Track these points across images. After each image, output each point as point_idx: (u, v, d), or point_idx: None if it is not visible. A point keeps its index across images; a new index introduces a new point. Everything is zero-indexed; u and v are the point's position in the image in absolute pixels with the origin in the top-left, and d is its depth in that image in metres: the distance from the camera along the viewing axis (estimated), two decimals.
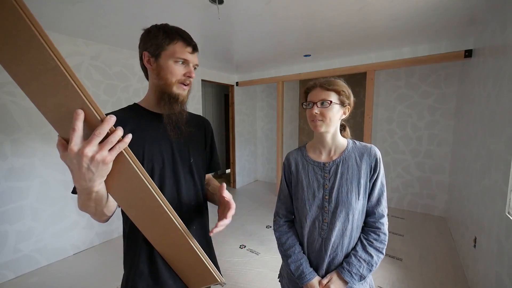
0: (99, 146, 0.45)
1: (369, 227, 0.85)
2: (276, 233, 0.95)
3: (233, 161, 4.52)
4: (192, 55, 0.75)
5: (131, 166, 0.51)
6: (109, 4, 1.63)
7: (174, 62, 0.71)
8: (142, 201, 0.58)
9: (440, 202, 3.23)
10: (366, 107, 3.01)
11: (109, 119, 0.45)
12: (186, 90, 0.76)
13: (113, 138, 0.46)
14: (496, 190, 1.46)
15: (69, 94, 0.42)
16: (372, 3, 1.67)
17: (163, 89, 0.73)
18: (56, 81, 0.41)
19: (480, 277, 1.65)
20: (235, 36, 2.32)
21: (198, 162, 0.84)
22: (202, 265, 0.72)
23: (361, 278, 0.80)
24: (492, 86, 1.69)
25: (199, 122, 0.90)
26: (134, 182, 0.54)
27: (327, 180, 0.85)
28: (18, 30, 0.37)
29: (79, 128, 0.43)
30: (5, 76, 1.89)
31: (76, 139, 0.43)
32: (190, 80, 0.76)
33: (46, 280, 1.98)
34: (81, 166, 0.45)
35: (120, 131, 0.47)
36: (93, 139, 0.44)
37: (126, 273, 0.76)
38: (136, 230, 0.70)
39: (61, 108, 0.43)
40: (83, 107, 0.43)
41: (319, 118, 0.81)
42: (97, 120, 0.45)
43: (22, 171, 2.02)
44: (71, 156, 0.44)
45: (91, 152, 0.44)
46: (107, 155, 0.46)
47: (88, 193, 0.51)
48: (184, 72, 0.73)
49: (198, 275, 0.76)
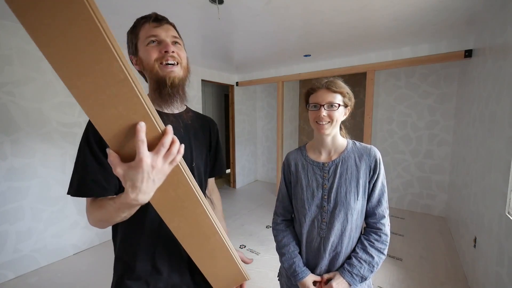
0: (164, 157, 0.44)
1: (370, 227, 0.85)
2: (274, 231, 0.98)
3: (233, 161, 4.53)
4: (160, 27, 0.66)
5: (182, 174, 0.51)
6: (109, 4, 1.63)
7: (146, 45, 0.66)
8: (187, 209, 0.57)
9: (440, 202, 3.23)
10: (366, 107, 3.01)
11: (171, 131, 0.45)
12: (176, 70, 0.67)
13: (174, 149, 0.45)
14: (496, 190, 1.46)
15: (132, 106, 0.41)
16: (372, 3, 1.67)
17: (151, 79, 0.68)
18: (121, 93, 0.40)
19: (480, 277, 1.65)
20: (235, 36, 2.32)
21: (200, 166, 0.79)
22: (234, 266, 0.72)
23: (362, 279, 0.80)
24: (492, 86, 1.69)
25: (204, 123, 0.85)
26: (181, 190, 0.53)
27: (326, 180, 0.85)
28: (91, 41, 0.36)
29: (145, 139, 0.42)
30: (5, 76, 1.90)
31: (146, 151, 0.42)
32: (173, 56, 0.66)
33: (46, 280, 1.98)
34: (148, 178, 0.44)
35: (178, 142, 0.46)
36: (160, 150, 0.43)
37: (117, 277, 0.71)
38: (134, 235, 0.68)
39: (120, 120, 0.42)
40: (145, 118, 0.43)
41: (327, 120, 0.81)
42: (156, 132, 0.45)
43: (22, 171, 2.02)
44: (143, 169, 0.42)
45: (160, 164, 0.44)
46: (168, 166, 0.46)
47: (137, 206, 0.48)
48: (159, 49, 0.65)
49: (229, 277, 0.76)
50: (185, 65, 0.71)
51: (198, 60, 3.21)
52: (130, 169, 0.43)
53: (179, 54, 0.68)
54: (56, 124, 2.19)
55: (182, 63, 0.69)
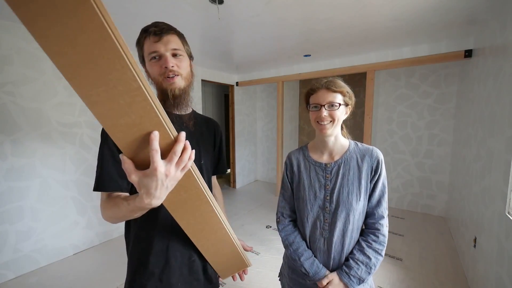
0: (176, 165, 0.46)
1: (368, 228, 0.85)
2: (282, 233, 0.93)
3: (233, 161, 4.53)
4: (160, 42, 0.68)
5: (193, 178, 0.53)
6: (109, 4, 1.62)
7: (149, 60, 0.71)
8: (197, 208, 0.60)
9: (440, 202, 3.23)
10: (366, 107, 3.01)
11: (183, 138, 0.46)
12: (174, 82, 0.71)
13: (186, 156, 0.47)
14: (496, 190, 1.46)
15: (145, 114, 0.42)
16: (372, 4, 1.67)
17: (157, 89, 0.74)
18: (134, 101, 0.40)
19: (480, 277, 1.65)
20: (235, 36, 2.32)
21: (207, 163, 0.85)
22: (237, 254, 0.78)
23: (360, 281, 0.80)
24: (492, 86, 1.69)
25: (209, 124, 0.91)
26: (192, 191, 0.56)
27: (329, 180, 0.85)
28: (104, 49, 0.35)
29: (158, 148, 0.43)
30: (5, 76, 1.90)
31: (160, 160, 0.44)
32: (172, 70, 0.69)
33: (46, 280, 1.97)
34: (162, 186, 0.45)
35: (189, 149, 0.48)
36: (173, 158, 0.45)
37: (132, 272, 0.74)
38: (147, 231, 0.71)
39: (133, 128, 0.42)
40: (158, 126, 0.43)
41: (329, 120, 0.80)
42: (169, 139, 0.45)
43: (22, 171, 2.02)
44: (157, 177, 0.44)
45: (173, 172, 0.46)
46: (180, 172, 0.48)
47: (150, 208, 0.51)
48: (159, 65, 0.69)
49: (233, 264, 0.82)
50: (187, 74, 0.75)
51: (198, 60, 3.21)
52: (145, 177, 0.44)
53: (179, 66, 0.71)
54: (56, 124, 2.19)
55: (183, 74, 0.73)
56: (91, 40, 0.34)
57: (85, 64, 0.36)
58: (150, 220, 0.71)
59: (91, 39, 0.34)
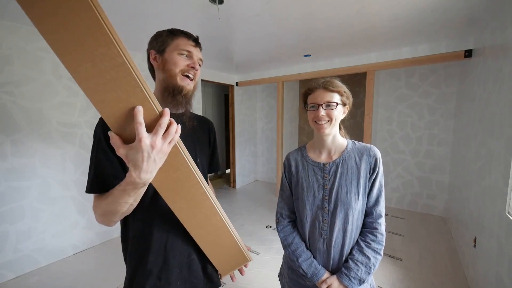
0: (163, 138, 0.47)
1: (366, 228, 0.85)
2: (281, 233, 0.93)
3: (233, 161, 4.53)
4: (195, 48, 0.77)
5: (181, 156, 0.54)
6: (109, 4, 1.62)
7: (178, 54, 0.74)
8: (187, 190, 0.60)
9: (440, 202, 3.23)
10: (366, 107, 3.01)
11: (168, 112, 0.48)
12: (191, 85, 0.77)
13: (172, 129, 0.49)
14: (496, 190, 1.46)
15: (130, 89, 0.44)
16: (372, 3, 1.67)
17: (167, 82, 0.74)
18: (120, 77, 0.43)
19: (480, 277, 1.65)
20: (235, 36, 2.32)
21: (203, 162, 0.86)
22: (236, 246, 0.77)
23: (360, 281, 0.80)
24: (492, 86, 1.69)
25: (203, 123, 0.92)
26: (182, 171, 0.56)
27: (327, 180, 0.85)
28: (91, 28, 0.39)
29: (143, 121, 0.45)
30: (5, 76, 1.90)
31: (144, 132, 0.45)
32: (195, 73, 0.77)
33: (46, 280, 1.98)
34: (149, 158, 0.47)
35: (175, 123, 0.50)
36: (158, 131, 0.47)
37: (131, 272, 0.74)
38: (145, 229, 0.71)
39: (120, 104, 0.45)
40: (143, 101, 0.45)
41: (326, 119, 0.81)
42: (154, 114, 0.47)
43: (22, 171, 2.02)
44: (142, 148, 0.45)
45: (160, 144, 0.47)
46: (168, 145, 0.49)
47: (141, 187, 0.52)
48: (187, 63, 0.74)
49: (232, 258, 0.80)
50: (196, 82, 0.82)
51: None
52: (131, 150, 0.46)
53: (196, 73, 0.79)
54: (56, 124, 2.19)
55: (195, 80, 0.80)
56: (80, 19, 0.38)
57: (74, 41, 0.39)
58: (148, 219, 0.72)
59: (80, 19, 0.38)
